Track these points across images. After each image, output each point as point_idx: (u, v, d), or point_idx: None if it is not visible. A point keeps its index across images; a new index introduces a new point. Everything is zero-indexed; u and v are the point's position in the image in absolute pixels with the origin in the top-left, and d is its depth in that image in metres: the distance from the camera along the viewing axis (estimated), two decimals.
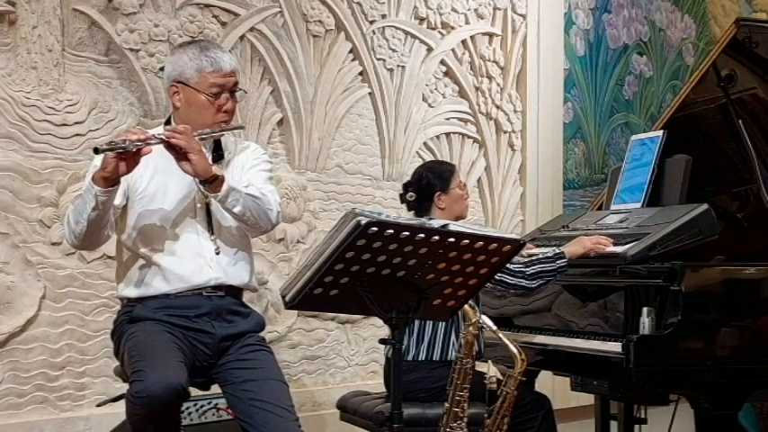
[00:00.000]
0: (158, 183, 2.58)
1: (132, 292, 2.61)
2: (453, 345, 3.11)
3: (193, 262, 2.58)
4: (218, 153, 2.67)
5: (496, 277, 2.92)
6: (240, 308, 2.66)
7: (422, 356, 3.12)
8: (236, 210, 2.51)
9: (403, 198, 3.30)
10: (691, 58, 6.17)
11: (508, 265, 2.91)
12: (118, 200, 2.55)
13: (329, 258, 1.96)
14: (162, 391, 2.25)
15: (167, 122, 2.69)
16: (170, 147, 2.43)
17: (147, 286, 2.58)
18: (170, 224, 2.59)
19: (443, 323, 3.12)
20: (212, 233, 2.60)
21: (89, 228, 2.46)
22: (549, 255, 2.95)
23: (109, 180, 2.39)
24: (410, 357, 3.10)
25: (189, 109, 2.61)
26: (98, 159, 2.43)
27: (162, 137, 2.42)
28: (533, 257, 2.95)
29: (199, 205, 2.60)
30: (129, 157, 2.37)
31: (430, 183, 3.25)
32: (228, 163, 2.68)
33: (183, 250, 2.58)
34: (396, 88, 4.59)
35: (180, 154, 2.43)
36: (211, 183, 2.46)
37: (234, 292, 2.65)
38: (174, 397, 2.29)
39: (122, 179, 2.48)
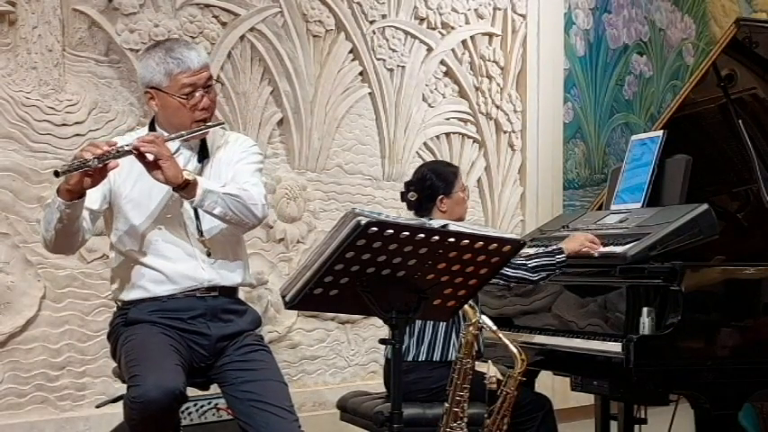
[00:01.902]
0: (143, 186, 2.54)
1: (126, 295, 2.60)
2: (454, 345, 3.11)
3: (186, 264, 2.56)
4: (204, 152, 2.64)
5: None
6: (235, 305, 2.65)
7: (422, 357, 3.12)
8: (215, 212, 2.48)
9: (404, 197, 3.30)
10: (691, 58, 6.17)
11: None
12: (96, 205, 2.53)
13: (329, 258, 1.96)
14: (159, 395, 2.24)
15: (151, 126, 2.66)
16: (140, 156, 2.39)
17: (140, 289, 2.57)
18: (159, 227, 2.57)
19: (444, 324, 3.12)
20: (202, 235, 2.59)
21: (57, 236, 2.44)
22: (548, 250, 2.97)
23: (73, 193, 2.35)
24: (410, 358, 3.10)
25: (166, 113, 2.58)
26: None
27: (130, 148, 2.38)
28: (533, 253, 2.97)
29: (187, 207, 2.57)
30: (94, 172, 2.33)
31: (434, 185, 3.23)
32: (215, 158, 2.65)
33: (174, 253, 2.57)
34: (396, 88, 4.59)
35: (150, 163, 2.39)
36: (184, 188, 2.42)
37: (228, 291, 2.63)
38: (172, 401, 2.28)
39: (105, 183, 2.46)
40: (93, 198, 2.50)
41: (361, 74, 4.46)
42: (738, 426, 2.94)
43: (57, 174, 2.29)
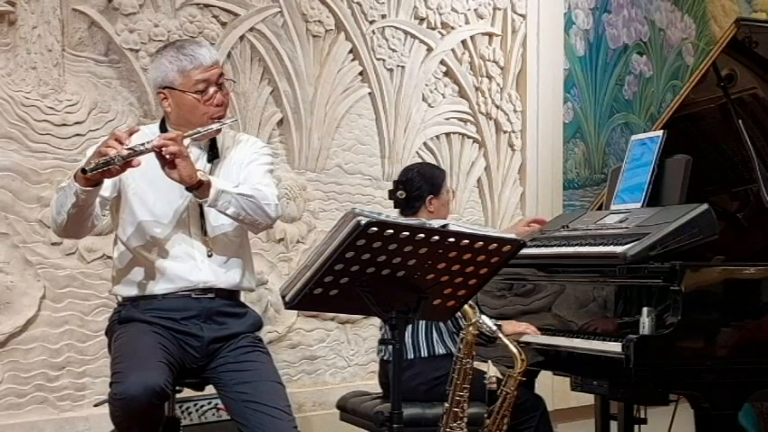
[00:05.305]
0: (150, 181, 2.55)
1: (124, 291, 2.61)
2: (437, 340, 3.14)
3: (184, 263, 2.57)
4: (214, 152, 2.65)
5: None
6: (233, 309, 2.64)
7: (410, 356, 3.13)
8: (229, 212, 2.49)
9: (392, 195, 3.36)
10: (691, 58, 6.16)
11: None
12: (107, 192, 2.55)
13: (329, 258, 1.96)
14: (140, 392, 2.25)
15: (161, 126, 2.67)
16: (159, 154, 2.40)
17: (137, 286, 2.58)
18: (162, 224, 2.57)
19: (423, 324, 3.15)
20: (205, 234, 2.59)
21: (69, 220, 2.46)
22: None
23: (90, 180, 2.36)
24: None
25: (180, 111, 2.59)
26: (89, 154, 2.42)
27: (151, 147, 2.38)
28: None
29: (192, 206, 2.58)
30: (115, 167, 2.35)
31: (422, 187, 3.34)
32: (226, 159, 2.66)
33: (175, 251, 2.57)
34: (396, 88, 4.58)
35: (167, 161, 2.40)
36: (198, 188, 2.44)
37: (225, 294, 2.62)
38: (153, 398, 2.27)
39: None
40: (105, 185, 2.51)
41: (360, 74, 4.46)
42: (738, 426, 2.94)
43: (84, 172, 2.31)
